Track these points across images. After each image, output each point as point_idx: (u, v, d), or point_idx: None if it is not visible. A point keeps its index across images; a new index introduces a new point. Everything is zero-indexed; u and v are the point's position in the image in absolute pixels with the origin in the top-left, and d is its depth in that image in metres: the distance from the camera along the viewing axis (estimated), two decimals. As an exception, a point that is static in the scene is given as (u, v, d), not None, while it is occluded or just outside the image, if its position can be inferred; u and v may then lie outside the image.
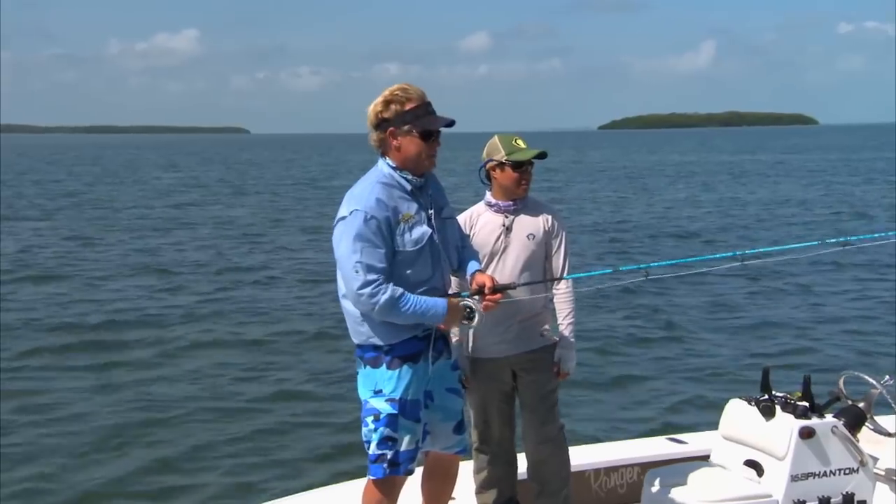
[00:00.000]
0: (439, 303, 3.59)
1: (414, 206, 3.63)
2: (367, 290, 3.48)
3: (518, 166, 4.22)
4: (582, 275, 4.23)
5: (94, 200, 30.17)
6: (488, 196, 4.34)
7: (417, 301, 3.54)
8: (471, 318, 3.66)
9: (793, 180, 38.28)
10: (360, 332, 3.64)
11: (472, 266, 3.84)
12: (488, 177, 4.32)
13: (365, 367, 3.69)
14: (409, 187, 3.62)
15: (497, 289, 3.76)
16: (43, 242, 19.35)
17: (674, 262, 4.12)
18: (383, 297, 3.47)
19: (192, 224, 22.64)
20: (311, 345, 10.37)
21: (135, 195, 32.62)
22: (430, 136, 3.60)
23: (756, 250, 4.06)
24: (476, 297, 3.71)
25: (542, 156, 4.24)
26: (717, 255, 4.09)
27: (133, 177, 46.09)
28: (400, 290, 3.51)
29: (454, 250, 3.82)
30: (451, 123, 3.66)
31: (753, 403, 4.30)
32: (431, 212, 3.68)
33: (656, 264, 4.01)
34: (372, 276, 3.48)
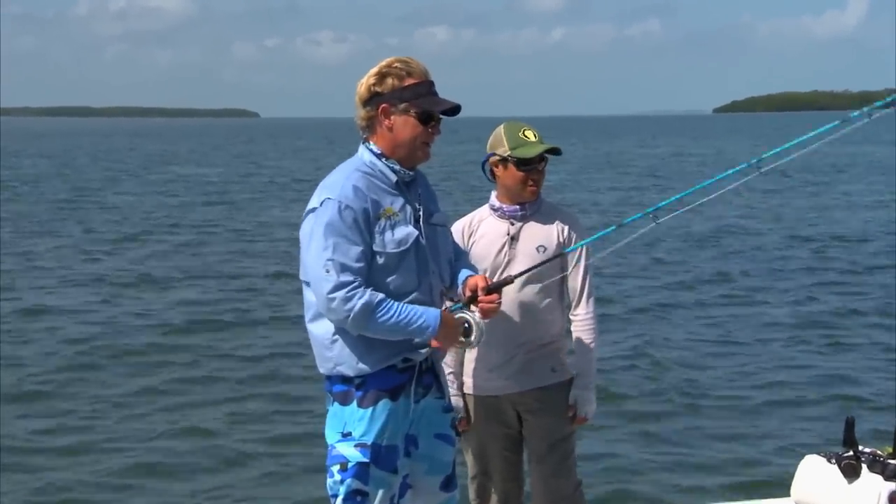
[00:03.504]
0: (430, 312, 3.81)
1: (399, 202, 3.87)
2: (341, 293, 3.68)
3: (524, 164, 4.48)
4: (586, 241, 4.45)
5: (92, 201, 30.92)
6: (493, 198, 4.62)
7: (402, 309, 3.74)
8: (468, 334, 3.90)
9: None
10: (326, 359, 3.88)
11: (465, 274, 4.09)
12: (493, 174, 4.61)
13: (332, 403, 3.93)
14: (394, 178, 3.88)
15: (492, 287, 4.01)
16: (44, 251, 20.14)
17: (681, 194, 4.31)
18: (360, 302, 3.68)
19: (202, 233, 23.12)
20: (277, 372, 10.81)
21: (134, 195, 33.30)
22: (429, 120, 3.86)
23: (773, 151, 4.18)
24: (471, 306, 3.95)
25: (553, 151, 4.51)
26: (730, 171, 4.25)
27: (121, 172, 46.98)
28: (380, 294, 3.72)
29: (446, 263, 4.06)
30: (456, 109, 3.91)
31: (834, 461, 4.43)
32: (420, 212, 3.93)
33: (663, 203, 4.24)
34: (346, 277, 3.69)
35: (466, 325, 3.90)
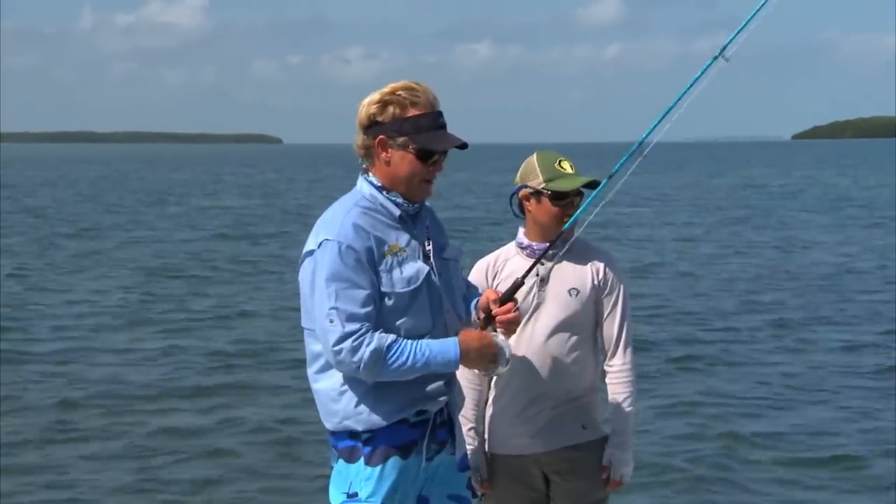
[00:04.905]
0: (447, 345, 3.88)
1: (404, 237, 3.96)
2: (347, 343, 3.78)
3: (560, 198, 4.54)
4: (588, 202, 4.52)
5: (104, 237, 31.36)
6: (520, 235, 4.68)
7: (415, 348, 3.83)
8: (495, 360, 3.97)
9: None
10: (333, 413, 3.96)
11: (474, 301, 4.20)
12: (521, 208, 4.68)
13: (337, 460, 4.01)
14: (397, 212, 3.97)
15: (504, 298, 4.13)
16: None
17: (658, 120, 4.50)
18: (368, 350, 3.77)
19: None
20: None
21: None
22: (429, 157, 3.96)
23: (731, 36, 4.50)
24: (488, 327, 4.05)
25: (592, 185, 4.57)
26: (698, 73, 4.47)
27: (136, 204, 47.54)
28: (390, 336, 3.82)
29: (461, 300, 4.15)
30: (461, 146, 3.99)
31: None
32: (429, 247, 4.02)
33: (646, 133, 4.45)
34: (352, 327, 3.78)
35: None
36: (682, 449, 10.17)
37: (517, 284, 4.27)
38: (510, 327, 4.12)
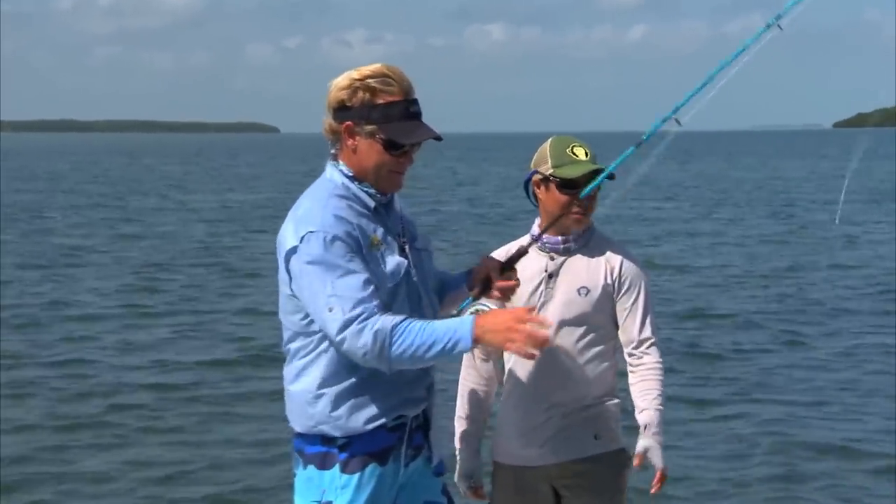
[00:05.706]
0: (462, 323, 3.75)
1: (380, 230, 3.92)
2: (350, 329, 3.69)
3: (568, 186, 4.45)
4: (606, 172, 4.43)
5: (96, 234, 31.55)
6: (535, 226, 4.58)
7: (424, 328, 3.70)
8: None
9: None
10: (307, 416, 3.90)
11: (463, 277, 4.23)
12: (536, 196, 4.59)
13: (306, 466, 3.94)
14: (372, 204, 3.93)
15: (506, 266, 4.16)
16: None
17: (697, 89, 4.41)
18: (371, 333, 3.67)
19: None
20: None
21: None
22: (397, 148, 3.89)
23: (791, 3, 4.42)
24: (482, 298, 4.06)
25: (606, 175, 4.44)
26: (748, 41, 4.40)
27: (127, 199, 47.71)
28: (396, 318, 3.72)
29: (434, 292, 4.12)
30: (435, 139, 3.93)
31: None
32: (404, 239, 3.99)
33: (681, 103, 4.44)
34: (354, 312, 3.70)
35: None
36: (703, 453, 10.20)
37: (521, 252, 4.24)
38: (507, 294, 4.15)
